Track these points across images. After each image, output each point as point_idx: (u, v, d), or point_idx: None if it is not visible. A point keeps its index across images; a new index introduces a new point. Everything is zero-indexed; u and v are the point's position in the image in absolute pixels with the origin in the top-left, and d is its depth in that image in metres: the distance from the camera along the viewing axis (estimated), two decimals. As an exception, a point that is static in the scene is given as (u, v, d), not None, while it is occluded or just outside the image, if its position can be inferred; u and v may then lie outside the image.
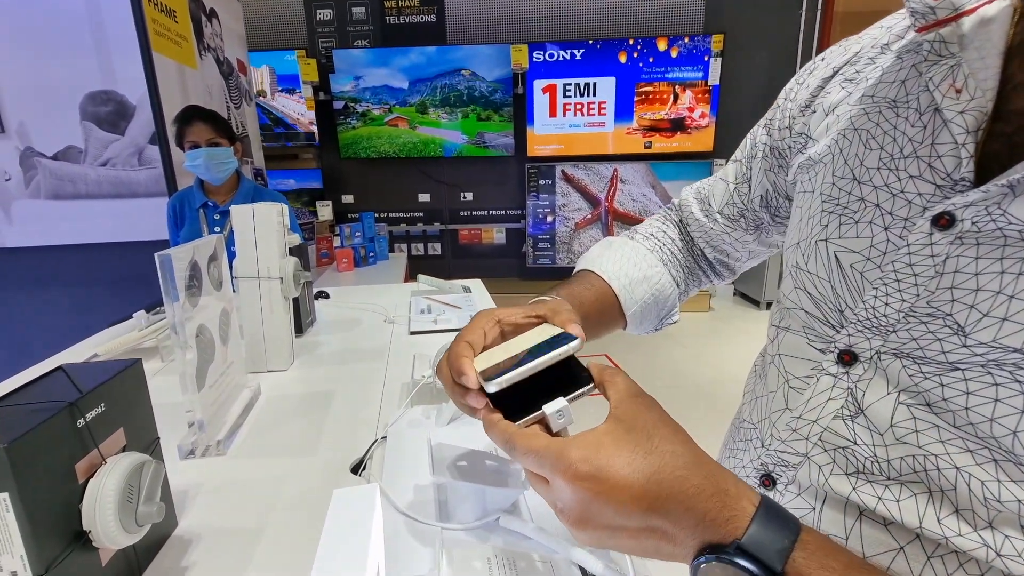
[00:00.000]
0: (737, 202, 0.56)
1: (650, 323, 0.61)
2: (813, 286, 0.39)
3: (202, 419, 0.60)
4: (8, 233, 2.18)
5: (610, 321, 0.58)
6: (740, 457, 0.46)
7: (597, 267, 0.59)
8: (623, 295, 0.57)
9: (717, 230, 0.58)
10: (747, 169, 0.54)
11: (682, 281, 0.62)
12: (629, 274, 0.58)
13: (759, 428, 0.43)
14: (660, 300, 0.59)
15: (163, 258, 0.55)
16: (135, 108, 2.14)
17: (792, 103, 0.47)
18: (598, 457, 0.28)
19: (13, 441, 0.31)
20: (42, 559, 0.33)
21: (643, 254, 0.60)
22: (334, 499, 0.28)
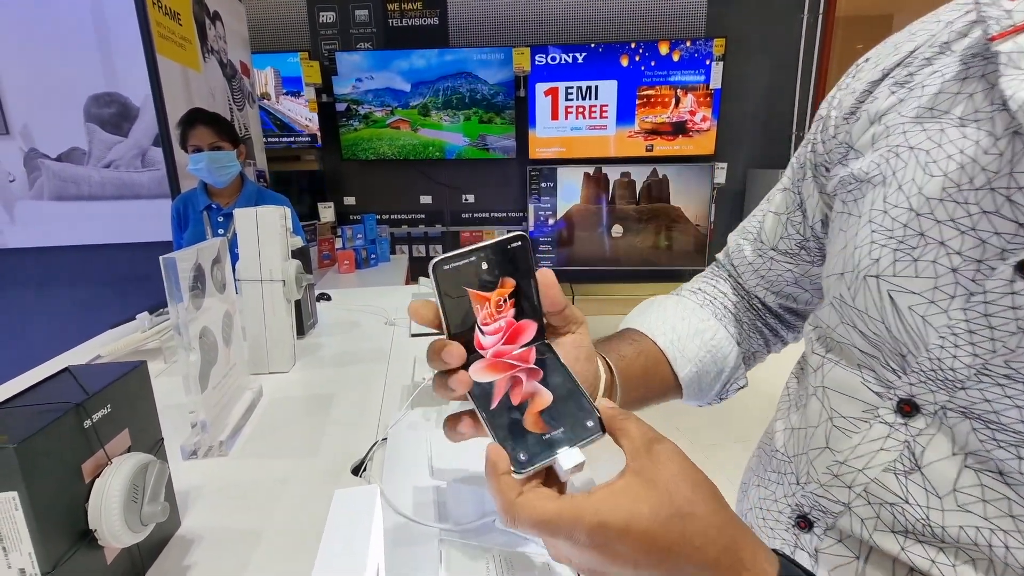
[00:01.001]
0: (792, 233, 0.48)
1: (711, 389, 0.53)
2: (865, 325, 0.34)
3: (205, 420, 0.61)
4: (12, 234, 2.19)
5: (660, 385, 0.50)
6: (772, 490, 0.42)
7: (637, 324, 0.51)
8: (671, 352, 0.49)
9: (777, 270, 0.50)
10: (796, 194, 0.48)
11: (743, 339, 0.54)
12: (677, 328, 0.50)
13: (794, 463, 0.39)
14: (718, 359, 0.51)
15: (168, 261, 0.56)
16: (139, 110, 2.15)
17: (837, 111, 0.41)
18: (616, 522, 0.26)
19: (22, 441, 0.32)
20: (49, 557, 0.33)
21: (691, 308, 0.53)
22: (335, 500, 0.28)
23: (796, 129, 3.87)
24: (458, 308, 0.31)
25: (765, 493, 0.43)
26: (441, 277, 0.31)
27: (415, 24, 3.72)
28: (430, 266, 0.30)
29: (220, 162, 1.66)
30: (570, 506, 0.26)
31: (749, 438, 2.19)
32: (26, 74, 2.07)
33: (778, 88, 3.82)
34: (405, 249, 4.06)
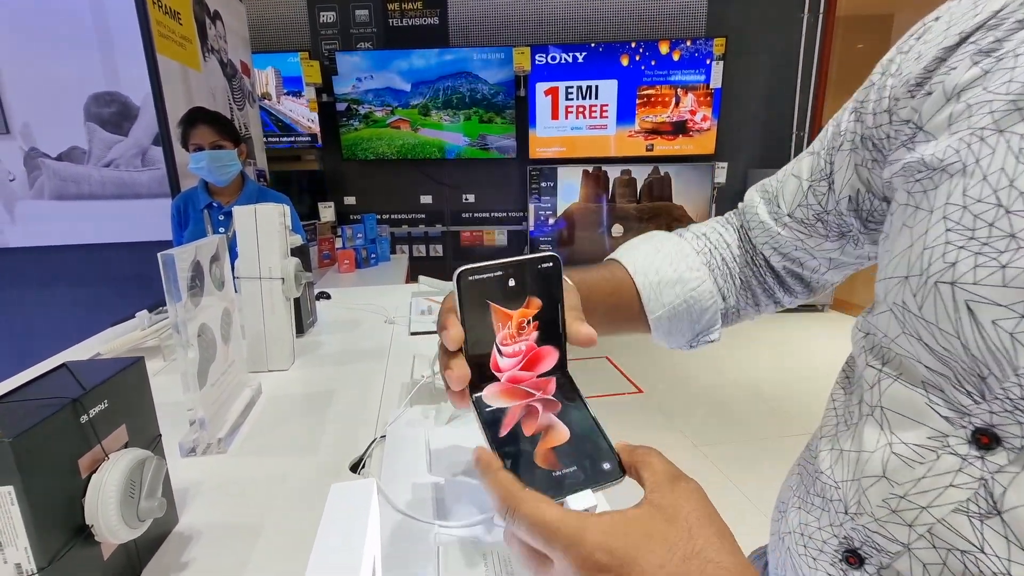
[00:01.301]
0: (812, 203, 0.44)
1: (681, 336, 0.52)
2: (933, 339, 0.29)
3: (203, 417, 0.61)
4: (12, 233, 2.19)
5: (626, 321, 0.50)
6: (816, 516, 0.37)
7: (625, 258, 0.51)
8: (647, 294, 0.49)
9: (787, 236, 0.47)
10: (826, 163, 0.43)
11: (731, 295, 0.52)
12: (660, 271, 0.49)
13: (842, 489, 0.34)
14: (695, 310, 0.50)
15: (166, 258, 0.56)
16: (139, 109, 2.15)
17: (895, 79, 0.35)
18: (625, 548, 0.23)
19: (18, 435, 0.32)
20: (45, 552, 0.33)
21: (686, 253, 0.51)
22: (332, 493, 0.28)
23: (796, 129, 3.87)
24: (479, 323, 0.30)
25: (807, 518, 0.38)
26: (465, 287, 0.29)
27: (415, 24, 3.72)
28: (455, 274, 0.29)
29: (221, 161, 1.66)
30: (576, 519, 0.24)
31: (748, 437, 2.19)
32: (26, 73, 2.07)
33: (778, 88, 3.82)
34: (405, 249, 4.06)
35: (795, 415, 2.35)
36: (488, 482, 0.27)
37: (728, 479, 1.87)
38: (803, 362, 2.97)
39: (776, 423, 2.30)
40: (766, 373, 2.83)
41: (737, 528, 0.27)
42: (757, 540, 0.54)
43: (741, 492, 1.80)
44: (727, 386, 2.69)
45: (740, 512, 1.68)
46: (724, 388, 2.67)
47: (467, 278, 0.29)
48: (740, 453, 2.06)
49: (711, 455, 2.05)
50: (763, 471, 1.92)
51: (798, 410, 2.39)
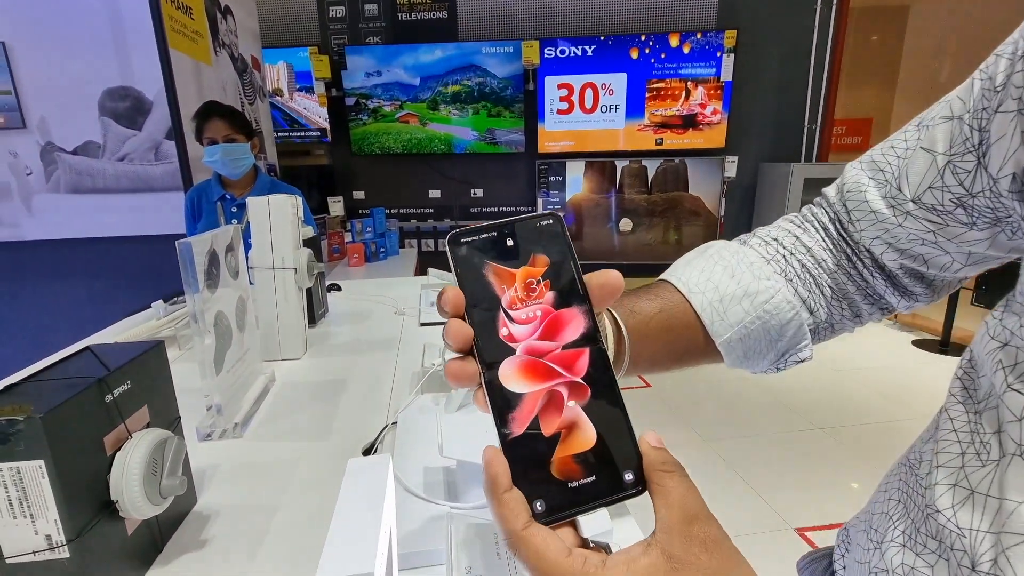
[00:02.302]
0: (952, 184, 0.34)
1: (761, 358, 0.43)
2: None
3: (220, 403, 0.62)
4: (29, 226, 2.23)
5: (691, 353, 0.42)
6: (929, 563, 0.31)
7: (676, 277, 0.43)
8: (709, 316, 0.41)
9: (912, 229, 0.37)
10: (973, 131, 0.32)
11: (820, 307, 0.43)
12: (721, 287, 0.41)
13: (969, 539, 0.28)
14: (772, 327, 0.41)
15: (183, 246, 0.57)
16: (152, 104, 2.18)
17: None
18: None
19: (48, 412, 0.33)
20: (74, 525, 0.35)
21: (751, 261, 0.43)
22: (348, 468, 0.29)
23: (808, 122, 3.83)
24: (479, 288, 0.26)
25: (917, 562, 0.32)
26: (458, 251, 0.27)
27: (424, 18, 3.72)
28: (446, 240, 0.27)
29: (234, 154, 1.68)
30: (580, 567, 0.22)
31: (757, 432, 2.18)
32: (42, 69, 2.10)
33: (790, 81, 3.78)
34: (414, 243, 4.08)
35: (804, 410, 2.34)
36: (493, 507, 0.24)
37: (737, 475, 1.87)
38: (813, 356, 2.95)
39: (785, 418, 2.29)
40: (775, 368, 2.82)
41: (744, 525, 0.24)
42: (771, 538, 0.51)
43: (750, 486, 1.80)
44: (735, 380, 2.68)
45: (748, 507, 1.68)
46: (732, 382, 2.66)
47: (459, 240, 0.27)
48: (748, 448, 2.06)
49: (719, 450, 2.05)
50: (772, 466, 1.92)
51: (807, 405, 2.38)
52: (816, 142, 3.86)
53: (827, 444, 2.07)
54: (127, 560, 0.40)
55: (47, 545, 0.34)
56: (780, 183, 3.60)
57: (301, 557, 0.43)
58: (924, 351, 2.95)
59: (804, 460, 1.96)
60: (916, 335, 3.20)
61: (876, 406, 2.36)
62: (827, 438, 2.11)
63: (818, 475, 1.87)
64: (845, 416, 2.26)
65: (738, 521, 1.60)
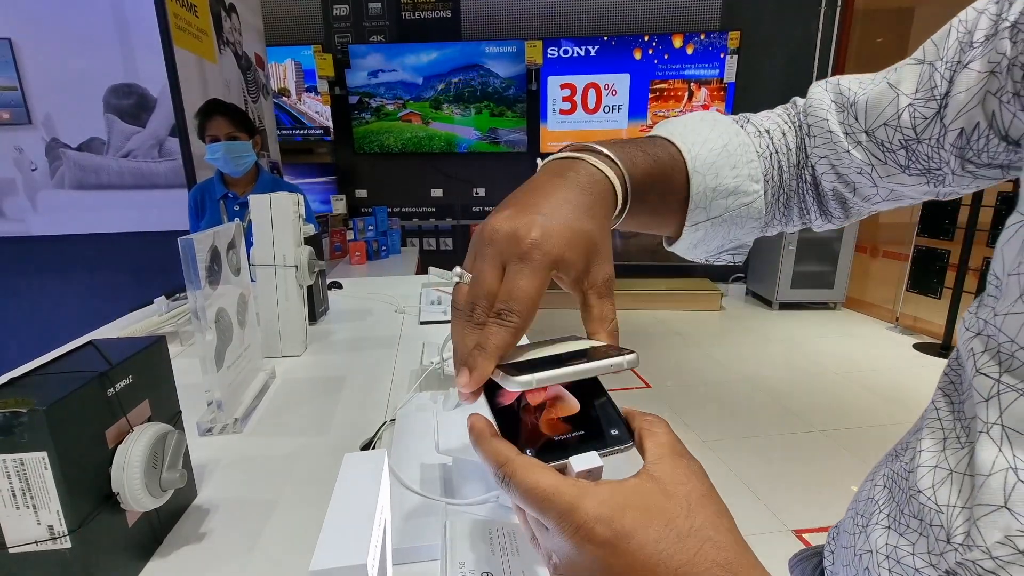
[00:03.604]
0: (905, 125, 0.34)
1: (703, 249, 0.44)
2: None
3: (220, 399, 0.63)
4: (34, 221, 2.25)
5: (657, 216, 0.41)
6: (911, 541, 0.32)
7: (682, 139, 0.41)
8: (697, 198, 0.40)
9: (856, 158, 0.38)
10: (945, 81, 0.32)
11: (773, 213, 0.45)
12: (721, 175, 0.40)
13: (946, 514, 0.30)
14: (735, 227, 0.42)
15: (185, 243, 0.57)
16: (156, 101, 2.19)
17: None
18: (622, 521, 0.22)
19: (51, 405, 0.33)
20: (76, 516, 0.35)
21: (750, 157, 0.42)
22: (345, 462, 0.30)
23: (811, 124, 3.83)
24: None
25: (900, 541, 0.33)
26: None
27: (428, 17, 3.73)
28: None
29: (236, 152, 1.68)
30: (572, 487, 0.23)
31: (756, 433, 2.18)
32: (48, 66, 2.11)
33: (794, 82, 3.77)
34: (416, 242, 4.09)
35: (804, 412, 2.34)
36: (482, 449, 0.25)
37: (735, 476, 1.87)
38: (813, 359, 2.95)
39: (785, 420, 2.29)
40: (775, 369, 2.82)
41: (742, 527, 0.24)
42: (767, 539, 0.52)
43: (748, 488, 1.80)
44: (735, 382, 2.68)
45: (746, 509, 1.69)
46: (732, 384, 2.66)
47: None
48: (747, 450, 2.06)
49: (718, 451, 2.05)
50: (771, 468, 1.92)
51: (807, 407, 2.38)
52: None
53: (826, 446, 2.07)
54: (127, 551, 0.41)
55: (49, 535, 0.35)
56: (782, 185, 3.59)
57: (299, 550, 0.44)
58: (924, 355, 2.94)
59: (803, 462, 1.97)
60: (917, 338, 3.20)
61: (876, 409, 2.36)
62: (826, 440, 2.11)
63: (817, 477, 1.87)
64: (845, 419, 2.26)
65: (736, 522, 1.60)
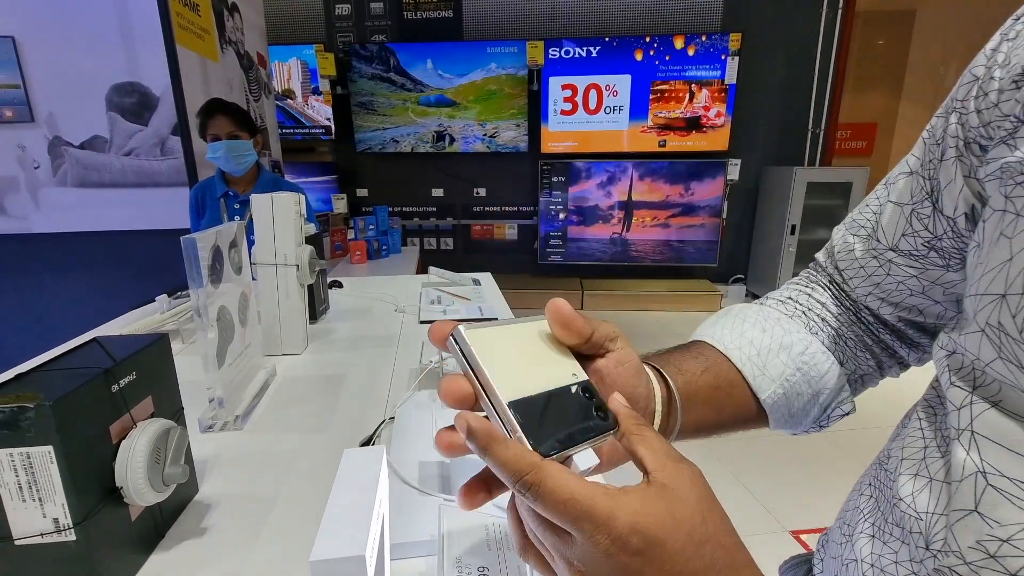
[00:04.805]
0: (919, 229, 0.37)
1: (805, 415, 0.43)
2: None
3: (222, 396, 0.64)
4: (36, 219, 2.26)
5: (735, 409, 0.41)
6: (894, 549, 0.32)
7: (708, 336, 0.43)
8: (750, 370, 0.40)
9: (897, 276, 0.39)
10: (927, 180, 0.36)
11: (847, 358, 0.44)
12: (756, 342, 0.41)
13: (926, 521, 0.30)
14: (813, 379, 0.41)
15: (187, 242, 0.58)
16: (158, 99, 2.19)
17: (1002, 70, 0.31)
18: (654, 532, 0.23)
19: (57, 400, 0.34)
20: (80, 509, 0.36)
21: (776, 318, 0.43)
22: (344, 457, 0.31)
23: (812, 126, 3.83)
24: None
25: (884, 550, 0.33)
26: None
27: (429, 17, 3.74)
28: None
29: (237, 151, 1.69)
30: (605, 497, 0.23)
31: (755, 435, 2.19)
32: (51, 64, 2.12)
33: (795, 84, 3.78)
34: (416, 242, 4.10)
35: (802, 413, 2.35)
36: (497, 455, 0.24)
37: (733, 476, 1.88)
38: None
39: (783, 421, 2.30)
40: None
41: (739, 527, 0.25)
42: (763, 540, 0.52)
43: (746, 489, 1.81)
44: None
45: (744, 509, 1.69)
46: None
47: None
48: (745, 450, 2.06)
49: (716, 451, 2.06)
50: (769, 469, 1.93)
51: (806, 409, 2.39)
52: (820, 146, 3.86)
53: (825, 448, 2.08)
54: (131, 544, 0.42)
55: (54, 528, 0.36)
56: (783, 187, 3.60)
57: (299, 545, 0.45)
58: (924, 356, 2.95)
59: (801, 463, 1.97)
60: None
61: (874, 411, 2.35)
62: (825, 442, 2.11)
63: (815, 478, 1.87)
64: (843, 420, 2.27)
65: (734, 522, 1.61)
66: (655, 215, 3.90)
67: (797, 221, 3.54)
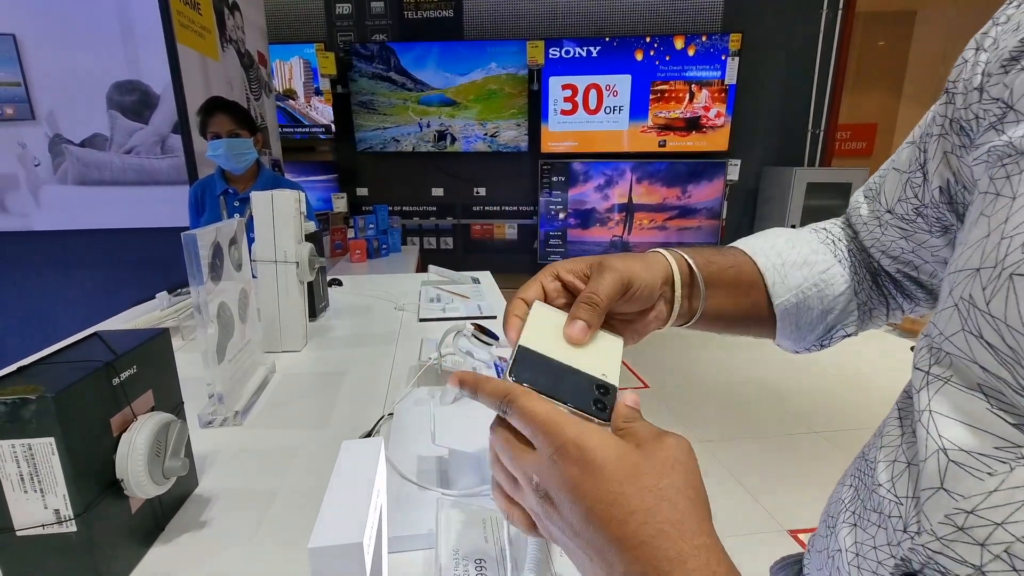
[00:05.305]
0: (910, 196, 0.40)
1: (810, 330, 0.46)
2: (998, 336, 0.27)
3: (221, 392, 0.64)
4: (37, 217, 2.26)
5: (749, 307, 0.44)
6: (872, 533, 0.33)
7: (741, 244, 0.47)
8: (772, 276, 0.44)
9: (891, 236, 0.43)
10: (922, 152, 0.39)
11: (862, 289, 0.46)
12: (783, 253, 0.45)
13: (905, 505, 0.31)
14: (826, 296, 0.44)
15: (188, 238, 0.59)
16: (159, 98, 2.20)
17: (989, 53, 0.32)
18: (593, 452, 0.25)
19: (59, 392, 0.35)
20: (81, 500, 0.36)
21: (806, 239, 0.47)
22: (343, 449, 0.31)
23: (812, 127, 3.83)
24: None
25: (863, 536, 0.34)
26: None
27: (430, 16, 3.74)
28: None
29: (238, 149, 1.70)
30: (563, 415, 0.26)
31: (754, 434, 2.19)
32: (52, 62, 2.13)
33: (795, 85, 3.78)
34: (416, 241, 4.10)
35: (802, 413, 2.35)
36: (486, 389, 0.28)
37: (733, 476, 1.88)
38: (811, 361, 2.96)
39: (782, 421, 2.30)
40: (774, 370, 2.83)
41: (738, 526, 0.26)
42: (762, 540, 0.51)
43: (745, 488, 1.81)
44: (734, 383, 2.69)
45: (743, 509, 1.70)
46: (731, 385, 2.67)
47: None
48: (745, 450, 2.07)
49: (716, 451, 2.06)
50: (768, 468, 1.93)
51: (805, 408, 2.39)
52: (820, 146, 3.86)
53: (823, 448, 2.08)
54: (131, 536, 0.42)
55: (55, 519, 0.36)
56: (783, 187, 3.61)
57: (297, 537, 0.45)
58: (923, 357, 2.95)
59: (800, 463, 1.97)
60: (914, 341, 3.21)
61: (873, 411, 2.36)
62: (823, 442, 2.12)
63: (813, 478, 1.88)
64: (842, 420, 2.27)
65: (732, 522, 1.62)
66: (656, 217, 3.91)
67: (797, 221, 3.55)
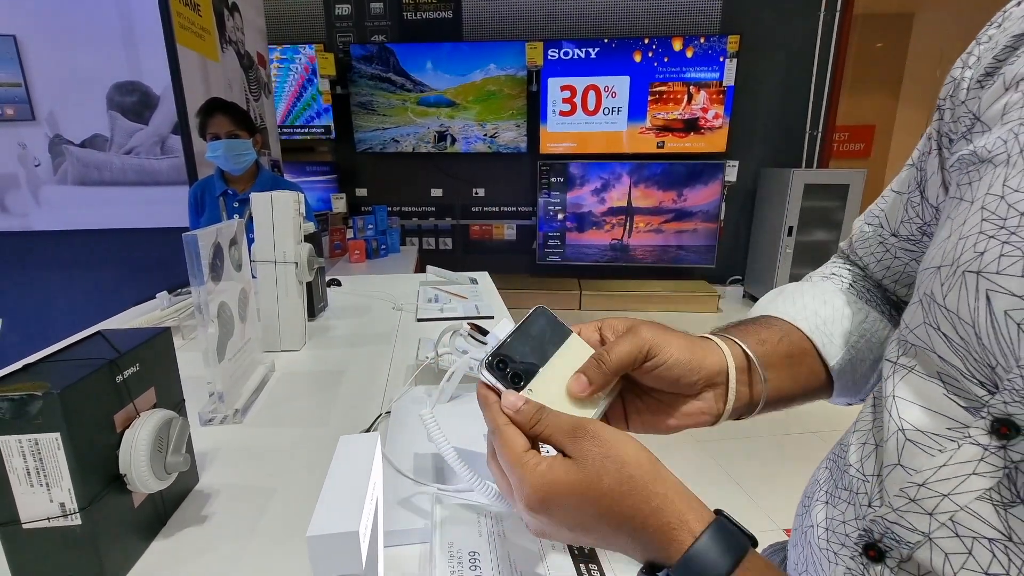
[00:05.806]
0: (912, 216, 0.41)
1: (866, 380, 0.45)
2: (952, 327, 0.29)
3: (221, 390, 0.65)
4: (37, 217, 2.27)
5: (808, 377, 0.43)
6: (841, 509, 0.36)
7: (771, 310, 0.45)
8: (819, 339, 0.42)
9: (901, 259, 0.43)
10: (920, 171, 0.40)
11: (894, 324, 0.45)
12: (820, 313, 0.43)
13: (871, 483, 0.34)
14: (874, 344, 0.43)
15: (189, 239, 0.60)
16: (159, 99, 2.21)
17: (972, 70, 0.34)
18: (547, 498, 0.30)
19: (64, 388, 0.36)
20: (85, 494, 0.37)
21: (831, 291, 0.46)
22: (340, 444, 0.32)
23: (810, 128, 3.85)
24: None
25: (834, 512, 0.36)
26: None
27: (429, 17, 3.75)
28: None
29: (237, 150, 1.71)
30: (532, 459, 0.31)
31: (749, 433, 2.20)
32: (52, 63, 2.14)
33: (792, 86, 3.80)
34: (415, 241, 4.11)
35: (798, 414, 2.36)
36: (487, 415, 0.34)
37: (729, 476, 1.90)
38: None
39: (779, 421, 2.31)
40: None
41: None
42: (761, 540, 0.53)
43: (741, 488, 1.82)
44: (731, 383, 2.70)
45: (740, 508, 1.71)
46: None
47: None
48: (741, 450, 2.08)
49: (712, 451, 2.07)
50: (764, 469, 1.94)
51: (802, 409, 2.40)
52: (817, 148, 3.88)
53: (821, 448, 2.09)
54: (133, 530, 0.43)
55: (61, 512, 0.37)
56: (780, 188, 3.62)
57: (297, 532, 0.46)
58: (919, 357, 2.96)
59: (797, 463, 1.99)
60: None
61: (869, 411, 2.37)
62: (820, 443, 2.13)
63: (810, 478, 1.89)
64: (840, 421, 2.29)
65: (728, 520, 1.62)
66: (654, 220, 3.92)
67: (795, 223, 3.56)
